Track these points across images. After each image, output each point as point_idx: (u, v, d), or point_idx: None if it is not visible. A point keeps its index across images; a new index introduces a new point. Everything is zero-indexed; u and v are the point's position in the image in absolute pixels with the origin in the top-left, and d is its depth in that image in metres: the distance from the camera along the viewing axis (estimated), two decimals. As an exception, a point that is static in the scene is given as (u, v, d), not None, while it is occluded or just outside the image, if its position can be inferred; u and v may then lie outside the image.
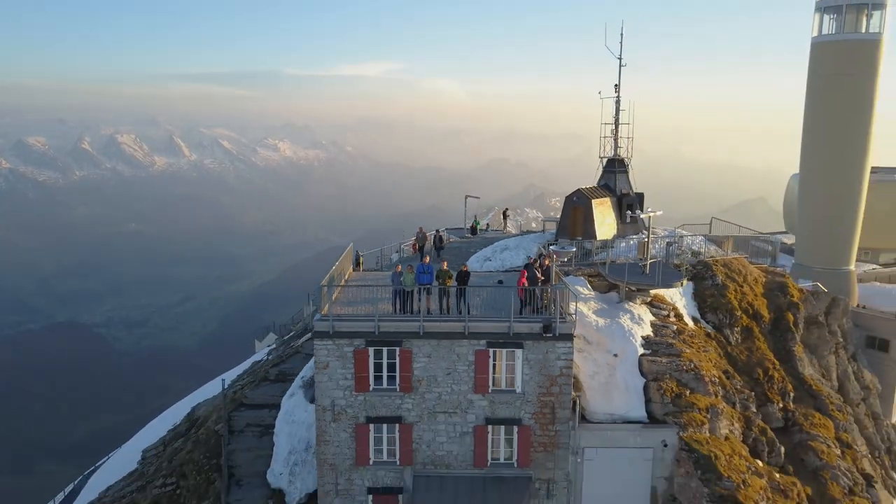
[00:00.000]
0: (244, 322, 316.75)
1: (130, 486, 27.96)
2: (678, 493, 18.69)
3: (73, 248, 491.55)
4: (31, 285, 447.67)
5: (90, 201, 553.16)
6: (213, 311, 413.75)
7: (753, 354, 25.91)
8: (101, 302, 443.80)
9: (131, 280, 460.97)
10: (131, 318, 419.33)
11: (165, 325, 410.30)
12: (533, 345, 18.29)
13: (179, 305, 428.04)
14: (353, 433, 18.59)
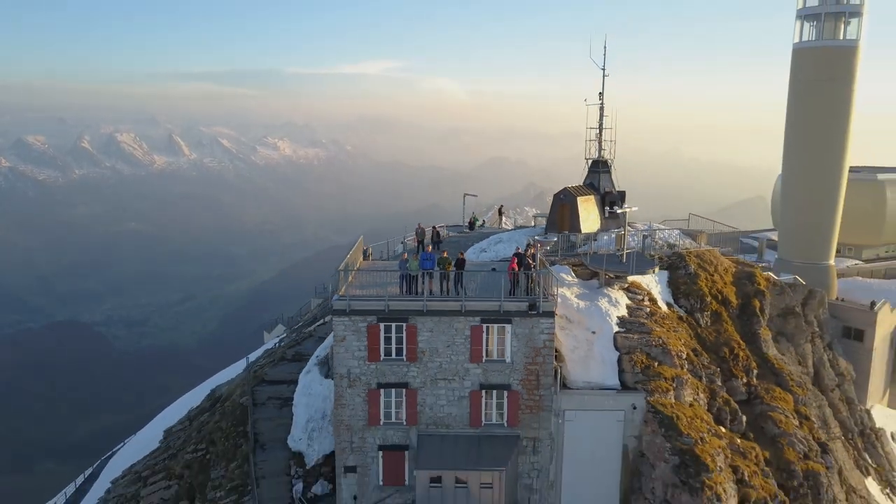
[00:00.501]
0: (244, 321, 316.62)
1: (161, 456, 30.98)
2: (645, 449, 21.74)
3: (72, 247, 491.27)
4: (31, 284, 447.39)
5: (90, 200, 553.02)
6: (212, 310, 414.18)
7: (721, 335, 28.99)
8: (101, 301, 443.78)
9: (131, 279, 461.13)
10: (131, 318, 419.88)
11: (165, 324, 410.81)
12: (520, 321, 21.36)
13: (179, 304, 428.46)
14: (366, 397, 21.67)
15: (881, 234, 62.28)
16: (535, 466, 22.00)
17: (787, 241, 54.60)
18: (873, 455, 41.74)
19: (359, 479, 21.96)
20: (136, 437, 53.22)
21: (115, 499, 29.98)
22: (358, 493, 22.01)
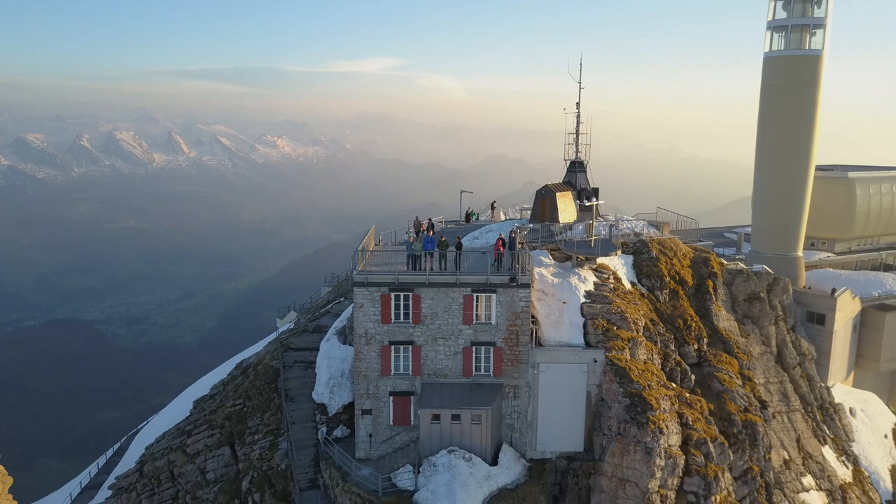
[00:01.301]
0: (244, 319, 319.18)
1: (200, 414, 36.34)
2: (604, 394, 27.09)
3: (72, 245, 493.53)
4: (31, 282, 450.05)
5: (89, 198, 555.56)
6: (212, 308, 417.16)
7: (677, 309, 34.28)
8: (101, 299, 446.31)
9: (130, 277, 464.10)
10: (131, 315, 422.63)
11: (165, 321, 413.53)
12: (503, 291, 26.69)
13: (179, 302, 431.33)
14: (379, 353, 27.01)
15: (852, 229, 67.14)
16: (516, 409, 27.45)
17: (759, 235, 59.65)
18: (831, 427, 47.08)
19: (373, 419, 27.42)
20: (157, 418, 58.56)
21: (161, 450, 35.45)
22: (373, 431, 27.46)
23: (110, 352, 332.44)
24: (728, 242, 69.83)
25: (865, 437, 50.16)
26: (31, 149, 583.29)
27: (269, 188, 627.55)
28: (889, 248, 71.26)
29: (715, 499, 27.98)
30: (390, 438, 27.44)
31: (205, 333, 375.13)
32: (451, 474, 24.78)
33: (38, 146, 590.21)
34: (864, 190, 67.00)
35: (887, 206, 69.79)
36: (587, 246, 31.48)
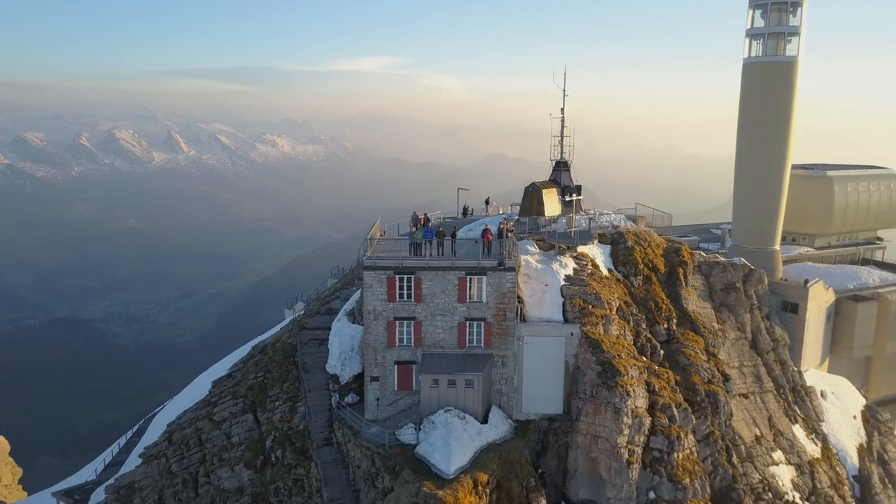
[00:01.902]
0: (244, 318, 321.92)
1: (223, 387, 40.78)
2: (580, 363, 31.48)
3: (71, 244, 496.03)
4: (31, 281, 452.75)
5: (88, 197, 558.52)
6: (212, 306, 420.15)
7: (649, 293, 38.65)
8: (101, 297, 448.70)
9: (130, 276, 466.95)
10: (130, 314, 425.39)
11: (165, 320, 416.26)
12: (492, 274, 31.07)
13: (178, 301, 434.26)
14: (386, 327, 31.40)
15: (830, 225, 71.27)
16: (504, 376, 31.88)
17: (739, 230, 63.96)
18: (802, 407, 51.36)
19: (380, 385, 31.86)
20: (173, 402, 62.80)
21: (188, 420, 39.94)
22: (380, 395, 31.91)
23: (110, 351, 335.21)
24: (714, 238, 74.21)
25: (835, 418, 54.34)
26: (31, 148, 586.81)
27: (269, 187, 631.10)
28: (867, 243, 75.64)
29: (677, 456, 32.46)
30: (395, 402, 31.90)
31: (205, 332, 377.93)
32: (447, 430, 29.26)
33: (37, 145, 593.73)
34: (842, 188, 71.10)
35: (864, 204, 73.90)
36: (568, 236, 35.98)
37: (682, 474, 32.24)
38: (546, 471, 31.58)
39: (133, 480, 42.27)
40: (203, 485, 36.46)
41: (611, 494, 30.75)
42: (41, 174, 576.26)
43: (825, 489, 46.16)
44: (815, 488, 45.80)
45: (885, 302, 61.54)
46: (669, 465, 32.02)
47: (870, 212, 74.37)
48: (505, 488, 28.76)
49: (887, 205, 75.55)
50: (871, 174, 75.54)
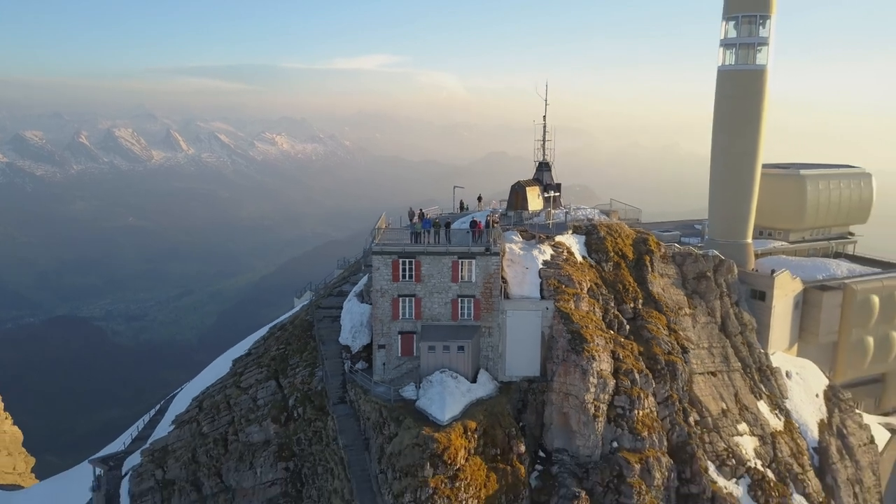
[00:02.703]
0: (243, 317, 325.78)
1: (247, 360, 47.06)
2: (554, 333, 37.72)
3: (71, 243, 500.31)
4: (30, 279, 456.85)
5: (88, 195, 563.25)
6: (211, 305, 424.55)
7: (619, 277, 44.88)
8: (100, 296, 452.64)
9: (130, 274, 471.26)
10: (130, 312, 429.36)
11: (164, 318, 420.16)
12: (480, 258, 37.32)
13: (178, 300, 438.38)
14: (391, 303, 37.66)
15: (804, 220, 77.17)
16: (490, 344, 38.23)
17: (714, 225, 70.03)
18: (767, 385, 57.33)
19: (386, 352, 38.22)
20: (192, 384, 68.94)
21: (217, 389, 46.34)
22: (386, 360, 38.26)
23: (110, 349, 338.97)
24: (696, 232, 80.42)
25: (798, 396, 60.33)
26: (30, 146, 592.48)
27: (268, 185, 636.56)
28: (839, 237, 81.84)
29: (637, 413, 38.83)
30: (399, 366, 38.31)
31: (204, 331, 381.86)
32: (442, 387, 35.64)
33: (36, 143, 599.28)
34: (814, 186, 77.15)
35: (835, 201, 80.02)
36: (547, 227, 42.40)
37: (641, 428, 38.61)
38: (526, 424, 37.97)
39: (167, 444, 48.70)
40: (232, 442, 42.89)
41: (580, 443, 37.16)
42: (40, 172, 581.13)
43: (785, 458, 51.97)
44: (776, 457, 51.57)
45: (851, 292, 67.31)
46: (631, 420, 38.39)
47: (841, 208, 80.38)
48: (490, 435, 35.12)
49: (857, 201, 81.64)
50: (842, 173, 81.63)
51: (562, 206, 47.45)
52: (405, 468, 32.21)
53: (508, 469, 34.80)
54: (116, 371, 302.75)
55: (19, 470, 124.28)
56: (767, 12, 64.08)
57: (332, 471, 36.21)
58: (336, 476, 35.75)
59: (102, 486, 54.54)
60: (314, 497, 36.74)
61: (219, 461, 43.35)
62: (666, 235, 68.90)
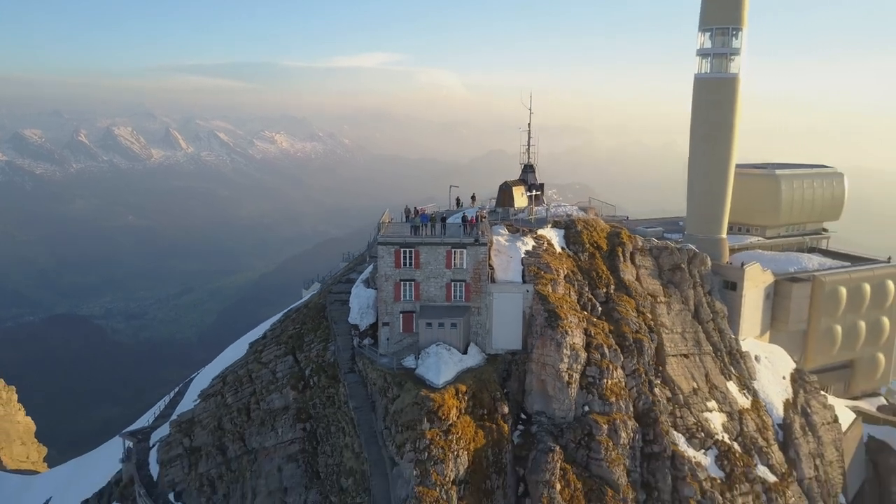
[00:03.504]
0: (243, 315, 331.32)
1: (266, 339, 53.79)
2: (533, 312, 44.42)
3: (70, 241, 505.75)
4: (30, 278, 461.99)
5: (87, 194, 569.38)
6: (211, 303, 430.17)
7: (593, 265, 51.52)
8: (100, 294, 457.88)
9: (129, 272, 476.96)
10: (130, 311, 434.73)
11: (164, 317, 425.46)
12: (470, 247, 44.02)
13: (177, 298, 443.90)
14: (394, 286, 44.36)
15: (779, 217, 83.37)
16: (479, 322, 44.99)
17: (691, 221, 76.14)
18: (736, 367, 63.52)
19: (390, 329, 44.99)
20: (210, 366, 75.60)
21: (239, 365, 53.16)
22: (389, 336, 45.05)
23: (110, 348, 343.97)
24: (679, 229, 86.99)
25: (766, 377, 66.58)
26: (29, 144, 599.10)
27: (267, 184, 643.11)
28: (814, 233, 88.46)
29: (606, 381, 45.63)
30: (400, 340, 45.12)
31: (204, 329, 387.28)
32: (437, 357, 42.47)
33: (35, 142, 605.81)
34: (788, 185, 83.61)
35: (809, 199, 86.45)
36: (530, 222, 49.30)
37: (609, 395, 45.43)
38: (509, 390, 44.80)
39: (193, 416, 55.51)
40: (254, 410, 49.74)
41: (556, 407, 43.98)
42: (40, 171, 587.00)
43: (751, 432, 58.27)
44: (743, 431, 57.85)
45: (819, 283, 73.80)
46: (600, 387, 45.20)
47: (814, 206, 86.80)
48: (478, 398, 41.94)
49: (830, 199, 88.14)
50: (815, 173, 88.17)
51: (544, 204, 54.31)
52: (406, 423, 39.03)
53: (494, 427, 41.59)
54: (116, 369, 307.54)
55: (32, 459, 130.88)
56: (739, 25, 69.90)
57: (343, 429, 43.05)
58: (347, 433, 42.59)
59: (133, 457, 61.40)
60: (328, 452, 43.57)
61: (242, 427, 50.18)
62: (649, 231, 75.02)
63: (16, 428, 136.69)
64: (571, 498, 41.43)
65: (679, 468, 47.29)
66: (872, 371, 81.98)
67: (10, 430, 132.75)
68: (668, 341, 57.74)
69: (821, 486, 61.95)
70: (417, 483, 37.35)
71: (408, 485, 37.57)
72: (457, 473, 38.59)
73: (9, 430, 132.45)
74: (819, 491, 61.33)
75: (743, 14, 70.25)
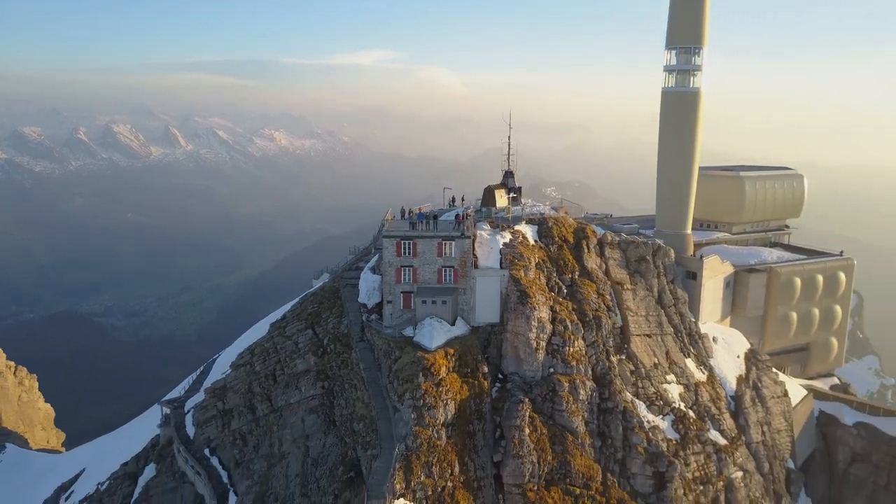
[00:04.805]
0: (243, 313, 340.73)
1: (289, 318, 65.49)
2: (508, 292, 56.00)
3: (70, 239, 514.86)
4: (30, 276, 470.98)
5: (86, 192, 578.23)
6: (211, 301, 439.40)
7: (561, 255, 62.99)
8: (100, 292, 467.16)
9: (129, 270, 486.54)
10: (130, 308, 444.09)
11: (164, 314, 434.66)
12: (458, 240, 55.57)
13: (177, 296, 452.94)
14: (395, 271, 55.91)
15: (742, 215, 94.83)
16: (465, 300, 56.62)
17: (660, 218, 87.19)
18: (695, 347, 74.50)
19: (392, 306, 56.65)
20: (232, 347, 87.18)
21: (265, 339, 64.91)
22: (392, 312, 56.72)
23: (110, 346, 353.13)
24: (650, 224, 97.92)
25: (722, 356, 77.07)
26: (28, 142, 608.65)
27: (267, 181, 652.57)
28: (777, 229, 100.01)
29: (569, 349, 57.26)
30: (401, 315, 56.86)
31: (204, 326, 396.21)
32: (430, 328, 54.14)
33: (35, 139, 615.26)
34: (751, 185, 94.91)
35: (770, 198, 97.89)
36: (508, 220, 61.11)
37: (571, 360, 57.08)
38: (489, 355, 56.44)
39: (225, 383, 67.27)
40: (279, 375, 61.51)
41: (526, 368, 55.63)
42: (39, 169, 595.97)
43: (705, 402, 69.13)
44: (698, 401, 68.73)
45: (775, 274, 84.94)
46: (563, 353, 56.83)
47: (776, 205, 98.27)
48: (463, 360, 53.62)
49: (790, 199, 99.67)
50: (777, 174, 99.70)
51: (521, 204, 66.05)
52: (405, 378, 50.65)
53: (476, 383, 53.22)
54: (116, 367, 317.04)
55: (52, 444, 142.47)
56: (700, 45, 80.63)
57: (355, 385, 54.77)
58: (358, 389, 54.29)
59: (171, 421, 73.16)
60: (343, 404, 55.31)
61: (269, 390, 61.98)
62: (625, 228, 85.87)
63: (37, 414, 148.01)
64: (538, 440, 53.02)
65: (629, 421, 58.78)
66: (826, 354, 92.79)
67: (32, 415, 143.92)
68: (633, 323, 68.75)
69: (767, 449, 72.23)
70: (415, 424, 48.93)
71: (407, 426, 49.11)
72: (446, 418, 50.15)
73: (31, 415, 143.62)
74: (765, 454, 71.56)
75: (704, 34, 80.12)
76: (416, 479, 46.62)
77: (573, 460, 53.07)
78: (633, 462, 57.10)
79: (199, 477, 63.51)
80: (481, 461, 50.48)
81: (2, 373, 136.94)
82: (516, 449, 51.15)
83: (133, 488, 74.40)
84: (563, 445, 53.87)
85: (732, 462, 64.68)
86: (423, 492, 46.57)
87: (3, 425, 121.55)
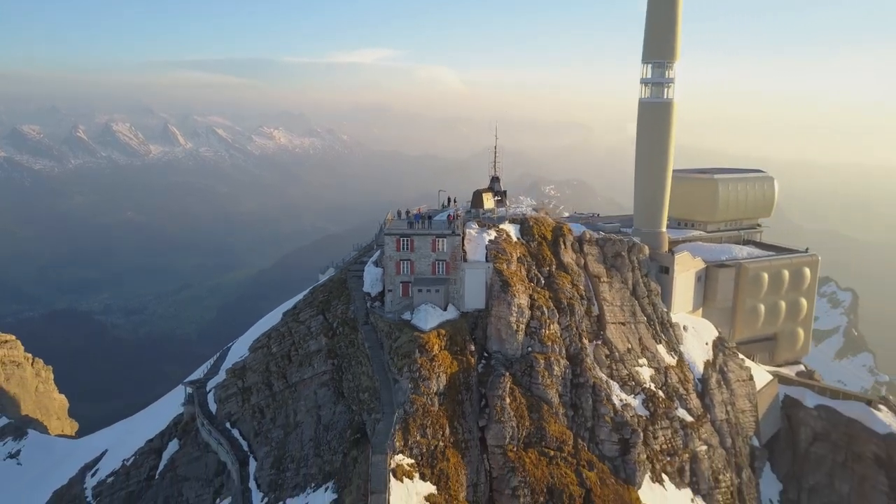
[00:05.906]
0: (242, 311, 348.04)
1: (302, 305, 75.66)
2: (492, 282, 66.05)
3: (70, 237, 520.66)
4: (30, 274, 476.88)
5: (86, 190, 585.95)
6: (211, 299, 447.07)
7: (540, 251, 73.03)
8: (100, 290, 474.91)
9: (129, 268, 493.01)
10: (129, 306, 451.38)
11: (164, 312, 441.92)
12: (449, 237, 65.56)
13: (177, 294, 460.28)
14: (395, 264, 65.89)
15: (716, 214, 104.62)
16: (455, 289, 66.72)
17: (637, 217, 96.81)
18: (666, 334, 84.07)
19: (393, 294, 66.77)
20: (248, 334, 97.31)
21: (280, 324, 75.16)
22: (392, 299, 66.84)
23: (110, 343, 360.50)
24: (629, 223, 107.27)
25: (691, 343, 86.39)
26: (28, 140, 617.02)
27: (266, 179, 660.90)
28: (749, 228, 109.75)
29: (545, 331, 67.39)
30: (400, 302, 67.08)
31: (204, 325, 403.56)
32: (426, 312, 64.35)
33: (34, 138, 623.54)
34: (724, 187, 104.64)
35: (742, 199, 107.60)
36: (493, 220, 71.43)
37: (547, 341, 67.21)
38: (476, 336, 66.54)
39: (244, 364, 77.48)
40: (294, 355, 71.75)
41: (507, 347, 65.76)
42: (38, 167, 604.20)
43: (674, 383, 78.55)
44: (667, 382, 78.11)
45: (744, 269, 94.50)
46: (540, 335, 66.96)
47: (748, 205, 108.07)
48: (454, 339, 63.80)
49: (762, 199, 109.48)
50: (749, 177, 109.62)
51: (506, 206, 76.40)
52: (404, 354, 60.81)
53: (464, 359, 63.35)
54: (116, 365, 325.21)
55: (66, 433, 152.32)
56: (673, 59, 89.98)
57: (361, 362, 65.03)
58: (363, 364, 64.54)
59: (194, 399, 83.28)
60: (350, 378, 65.56)
61: (285, 368, 72.22)
62: (607, 227, 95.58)
63: (53, 404, 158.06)
64: (517, 408, 63.14)
65: (598, 394, 68.74)
66: (793, 343, 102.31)
67: (48, 405, 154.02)
68: (609, 312, 78.40)
69: (731, 427, 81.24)
70: (412, 393, 59.07)
71: (405, 394, 59.24)
72: (438, 388, 60.27)
73: (48, 405, 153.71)
74: (729, 430, 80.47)
75: (676, 49, 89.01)
76: (413, 438, 56.72)
77: (548, 426, 63.03)
78: (601, 430, 66.96)
79: (222, 446, 73.60)
80: (468, 425, 60.53)
81: (20, 364, 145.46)
82: (498, 415, 61.20)
83: (158, 461, 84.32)
84: (539, 413, 63.84)
85: (697, 437, 73.82)
86: (418, 449, 56.65)
87: (23, 413, 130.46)
